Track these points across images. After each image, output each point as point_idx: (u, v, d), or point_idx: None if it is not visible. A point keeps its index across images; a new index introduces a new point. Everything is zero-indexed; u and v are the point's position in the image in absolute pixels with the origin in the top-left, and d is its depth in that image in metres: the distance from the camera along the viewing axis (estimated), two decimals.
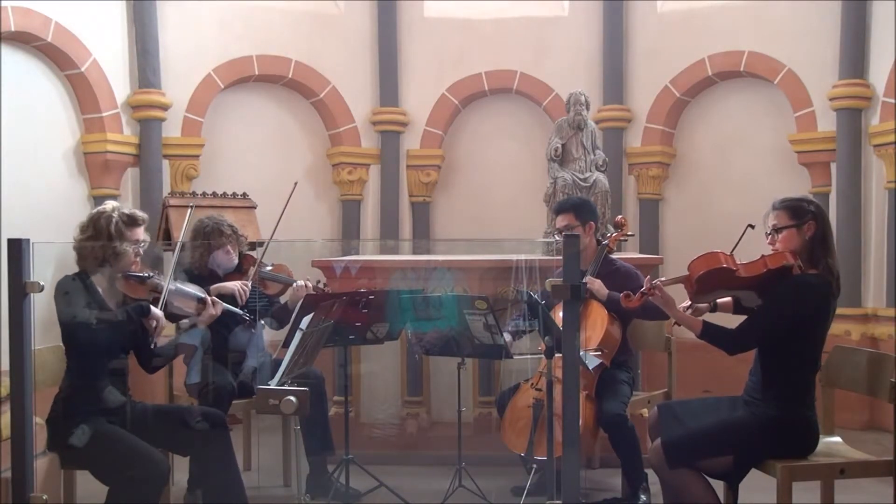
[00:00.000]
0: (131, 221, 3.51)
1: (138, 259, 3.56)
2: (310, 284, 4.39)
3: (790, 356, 3.25)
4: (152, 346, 3.55)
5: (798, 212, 3.29)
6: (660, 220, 6.94)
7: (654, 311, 3.99)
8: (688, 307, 3.44)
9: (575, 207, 4.40)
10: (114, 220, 3.46)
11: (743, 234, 3.36)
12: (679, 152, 6.93)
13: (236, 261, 4.44)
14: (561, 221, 4.35)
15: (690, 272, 3.29)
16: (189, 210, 4.20)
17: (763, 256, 3.28)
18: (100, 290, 3.47)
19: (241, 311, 4.03)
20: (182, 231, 3.93)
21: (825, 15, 6.17)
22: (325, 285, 4.50)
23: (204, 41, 6.49)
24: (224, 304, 3.87)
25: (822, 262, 3.27)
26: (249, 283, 4.25)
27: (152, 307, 3.47)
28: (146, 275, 3.54)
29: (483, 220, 7.01)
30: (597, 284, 4.15)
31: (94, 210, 3.55)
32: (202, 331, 4.04)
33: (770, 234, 3.33)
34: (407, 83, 7.07)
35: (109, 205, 3.56)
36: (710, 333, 3.32)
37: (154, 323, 3.48)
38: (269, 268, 4.47)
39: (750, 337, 3.30)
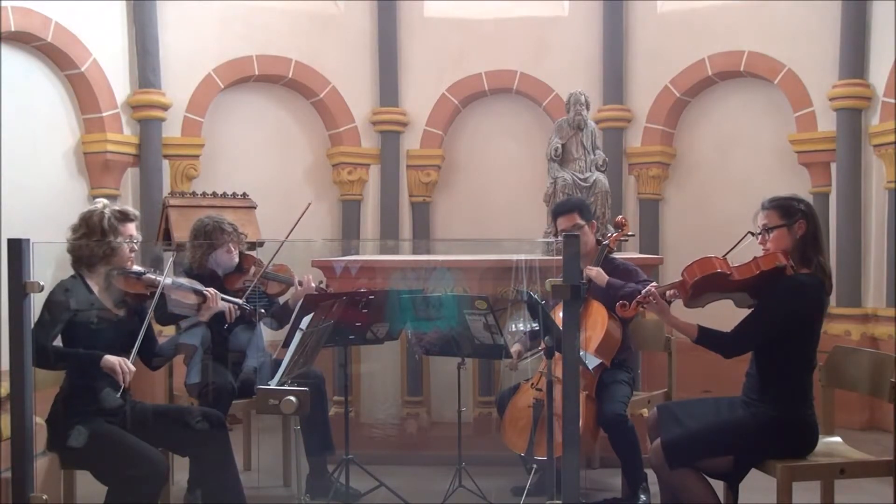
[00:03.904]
0: (123, 217, 3.52)
1: (133, 255, 3.57)
2: (313, 283, 4.39)
3: (787, 356, 3.24)
4: (117, 396, 3.33)
5: (788, 211, 3.29)
6: (660, 220, 6.94)
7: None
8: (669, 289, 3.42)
9: (578, 207, 4.43)
10: (106, 216, 3.46)
11: (741, 240, 3.36)
12: (679, 152, 6.93)
13: (237, 260, 4.44)
14: (566, 222, 4.34)
15: (685, 278, 3.29)
16: (170, 257, 4.05)
17: (755, 258, 3.27)
18: (95, 290, 3.47)
19: (240, 301, 4.03)
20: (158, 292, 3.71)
21: (825, 15, 6.17)
22: (326, 286, 4.50)
23: (204, 41, 6.49)
24: (223, 295, 3.88)
25: (814, 260, 3.26)
26: (238, 305, 4.09)
27: (105, 356, 3.31)
28: (142, 271, 3.55)
29: (483, 220, 7.01)
30: (594, 272, 4.16)
31: (86, 209, 3.54)
32: (202, 331, 4.05)
33: (760, 233, 3.33)
34: (407, 83, 7.07)
35: (100, 203, 3.57)
36: (706, 338, 3.32)
37: (115, 370, 3.29)
38: (269, 268, 4.47)
39: (746, 340, 3.29)
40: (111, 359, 3.32)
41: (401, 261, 5.31)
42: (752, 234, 3.35)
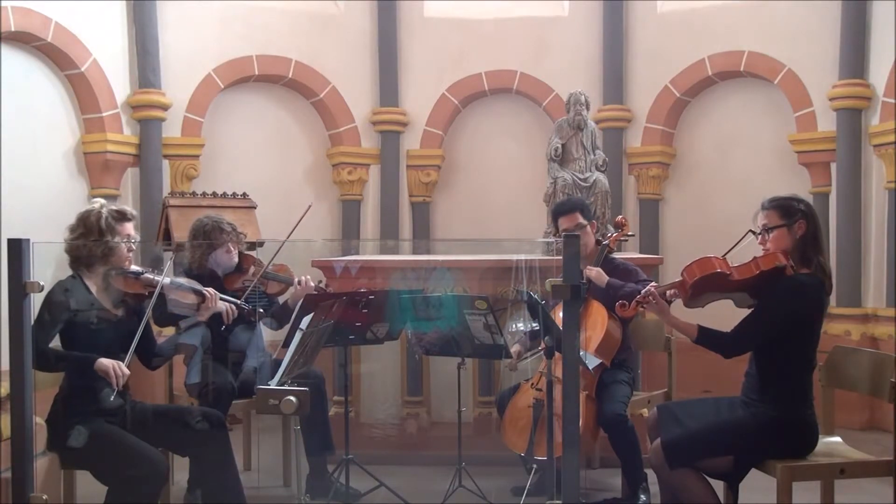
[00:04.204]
0: (121, 217, 3.51)
1: (131, 255, 3.57)
2: (311, 283, 4.39)
3: (787, 356, 3.24)
4: (111, 399, 3.32)
5: (788, 211, 3.29)
6: (660, 220, 6.94)
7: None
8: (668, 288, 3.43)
9: (580, 207, 4.43)
10: (103, 216, 3.46)
11: (742, 238, 3.36)
12: (679, 152, 6.93)
13: (236, 259, 4.43)
14: (568, 222, 4.32)
15: (685, 278, 3.29)
16: (171, 257, 4.01)
17: (755, 258, 3.27)
18: (93, 290, 3.47)
19: (239, 301, 4.04)
20: (156, 291, 3.56)
21: (825, 15, 6.17)
22: (326, 285, 4.49)
23: (204, 41, 6.49)
24: (223, 295, 3.88)
25: (814, 260, 3.26)
26: (236, 307, 4.07)
27: (100, 359, 3.29)
28: (140, 270, 3.55)
29: (483, 220, 7.01)
30: (594, 273, 4.16)
31: (83, 209, 3.54)
32: (202, 331, 4.05)
33: (760, 233, 3.33)
34: (407, 83, 7.07)
35: (97, 202, 3.56)
36: (706, 338, 3.32)
37: (109, 374, 3.27)
38: (269, 268, 4.47)
39: (746, 341, 3.29)
40: (105, 362, 3.29)
41: (401, 261, 5.31)
42: (753, 232, 3.35)
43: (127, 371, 3.32)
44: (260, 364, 4.33)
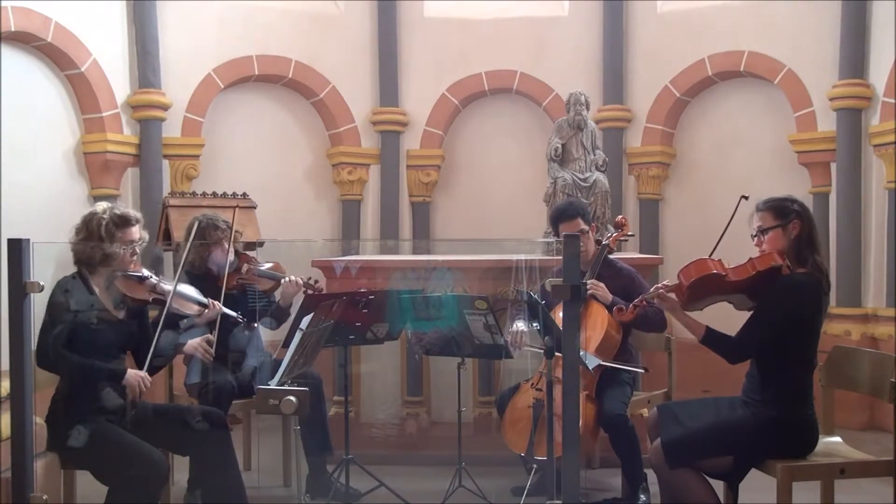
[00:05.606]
0: (123, 222, 3.50)
1: (135, 258, 3.56)
2: (300, 281, 4.37)
3: (786, 356, 3.25)
4: (131, 409, 3.44)
5: (782, 211, 3.30)
6: (660, 220, 6.94)
7: (648, 324, 4.02)
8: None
9: (581, 211, 4.37)
10: (104, 221, 3.45)
11: (736, 206, 3.38)
12: (679, 152, 6.93)
13: (232, 258, 4.42)
14: (570, 228, 4.23)
15: (681, 281, 3.29)
16: (178, 264, 4.03)
17: (751, 259, 3.28)
18: (97, 290, 3.47)
19: (235, 314, 4.04)
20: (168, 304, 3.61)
21: (825, 15, 6.16)
22: (315, 281, 4.45)
23: (204, 41, 6.48)
24: (220, 305, 3.89)
25: (810, 260, 3.27)
26: (213, 343, 4.00)
27: (127, 373, 3.42)
28: (144, 275, 3.54)
29: (483, 220, 7.01)
30: (601, 290, 4.14)
31: (88, 211, 3.54)
32: (202, 331, 4.04)
33: (756, 235, 3.34)
34: (407, 83, 7.07)
35: (101, 206, 3.56)
36: (712, 340, 3.32)
37: (134, 390, 3.41)
38: (268, 265, 4.47)
39: (748, 345, 3.29)
40: (132, 379, 3.40)
41: (401, 261, 5.32)
42: (745, 197, 3.37)
43: (149, 383, 3.46)
44: (260, 364, 4.33)
